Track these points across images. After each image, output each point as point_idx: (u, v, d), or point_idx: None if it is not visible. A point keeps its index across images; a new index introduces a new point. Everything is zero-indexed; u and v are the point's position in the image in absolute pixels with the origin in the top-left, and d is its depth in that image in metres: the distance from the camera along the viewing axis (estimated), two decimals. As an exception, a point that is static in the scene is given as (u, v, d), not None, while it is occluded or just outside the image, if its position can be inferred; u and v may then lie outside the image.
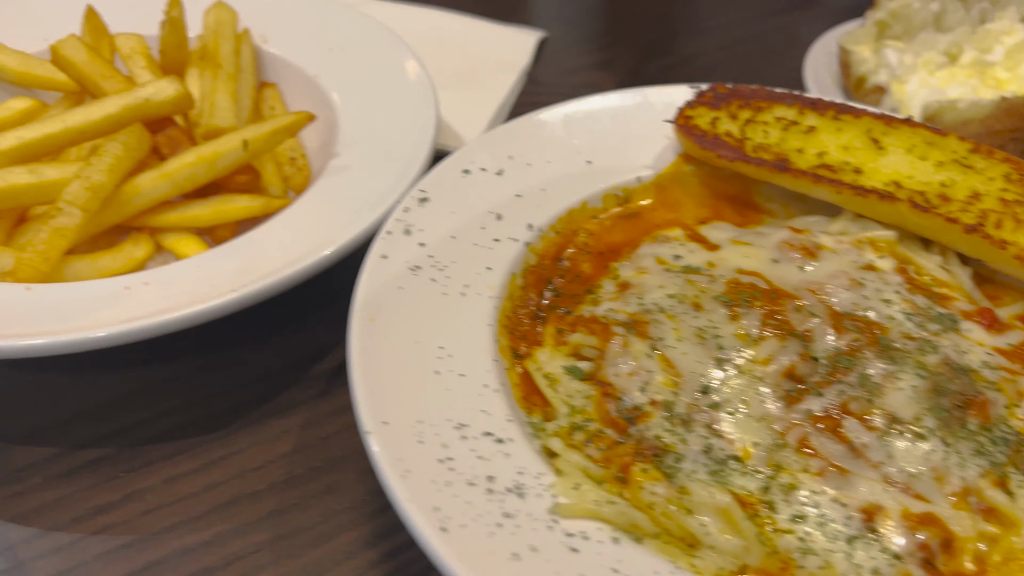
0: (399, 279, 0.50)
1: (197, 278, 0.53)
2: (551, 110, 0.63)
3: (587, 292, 0.54)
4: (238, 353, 0.59)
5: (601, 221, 0.59)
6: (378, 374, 0.44)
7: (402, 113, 0.67)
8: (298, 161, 0.68)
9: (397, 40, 0.75)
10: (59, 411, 0.55)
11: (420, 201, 0.54)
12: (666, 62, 0.94)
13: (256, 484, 0.52)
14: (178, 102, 0.63)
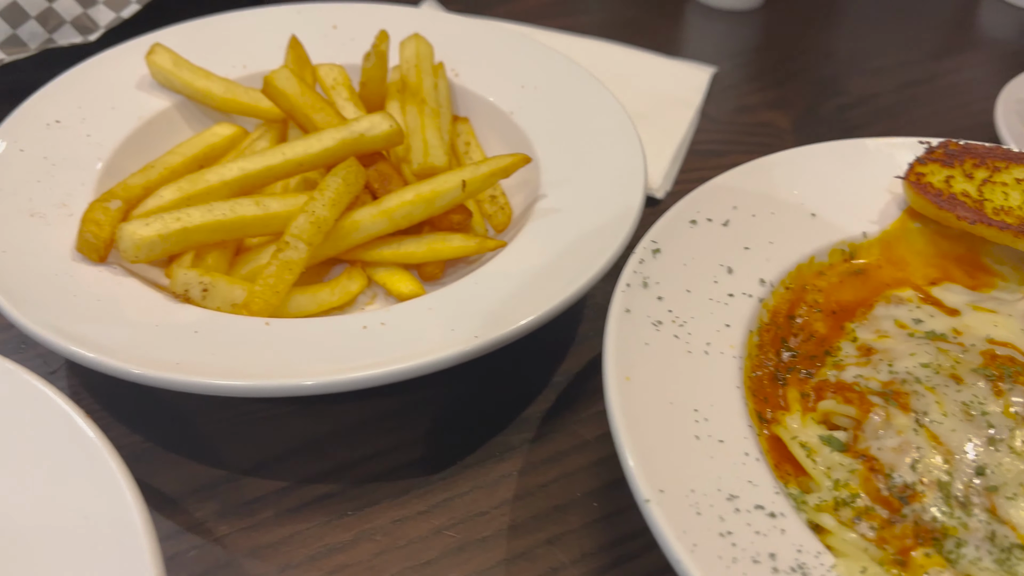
0: (644, 335, 0.49)
1: (432, 320, 0.53)
2: (770, 158, 0.62)
3: (826, 354, 0.53)
4: (448, 393, 0.59)
5: (828, 277, 0.58)
6: (643, 439, 0.43)
7: (606, 153, 0.67)
8: (499, 200, 0.68)
9: (590, 77, 0.74)
10: (283, 445, 0.56)
11: (653, 252, 0.54)
12: (840, 102, 0.92)
13: (483, 531, 0.52)
14: (390, 138, 0.64)
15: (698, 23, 1.05)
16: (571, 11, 1.05)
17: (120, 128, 0.68)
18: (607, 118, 0.70)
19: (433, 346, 0.51)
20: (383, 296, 0.63)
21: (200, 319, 0.53)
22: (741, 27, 1.04)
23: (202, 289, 0.56)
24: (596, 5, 1.07)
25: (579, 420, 0.58)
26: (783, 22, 1.06)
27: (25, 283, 0.53)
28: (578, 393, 0.60)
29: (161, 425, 0.56)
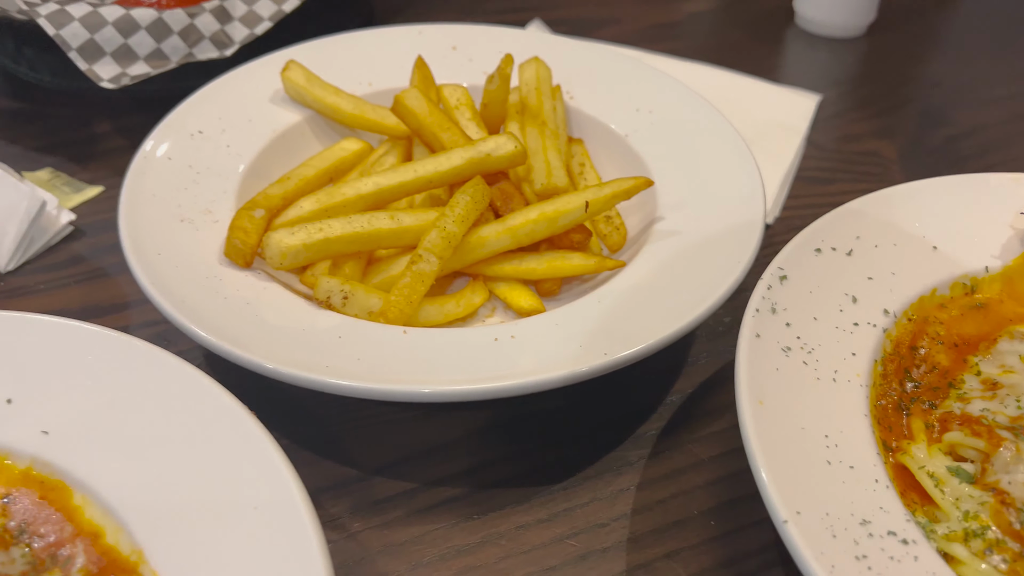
0: (774, 360, 0.50)
1: (560, 336, 0.55)
2: (891, 190, 0.63)
3: (949, 386, 0.54)
4: (567, 406, 0.61)
5: (950, 310, 0.58)
6: (778, 462, 0.45)
7: (722, 177, 0.68)
8: (614, 220, 0.70)
9: (703, 102, 0.76)
10: (411, 448, 0.58)
11: (780, 279, 0.55)
12: (948, 132, 0.91)
13: (603, 542, 0.53)
14: (514, 158, 0.66)
15: (801, 50, 1.05)
16: (674, 35, 1.07)
17: (257, 140, 0.72)
18: (722, 142, 0.72)
19: (563, 361, 0.53)
20: (502, 309, 0.66)
21: (342, 325, 0.56)
22: (845, 54, 1.04)
23: (343, 297, 0.59)
24: (699, 29, 1.09)
25: (694, 440, 0.59)
26: (887, 50, 1.06)
27: (180, 284, 0.57)
28: (692, 413, 0.61)
29: (296, 425, 0.59)
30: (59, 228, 0.73)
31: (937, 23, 1.14)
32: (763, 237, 0.62)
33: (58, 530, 0.44)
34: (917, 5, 1.16)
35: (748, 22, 1.10)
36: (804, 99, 0.93)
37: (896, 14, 1.11)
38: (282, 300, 0.58)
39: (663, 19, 1.10)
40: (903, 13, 1.13)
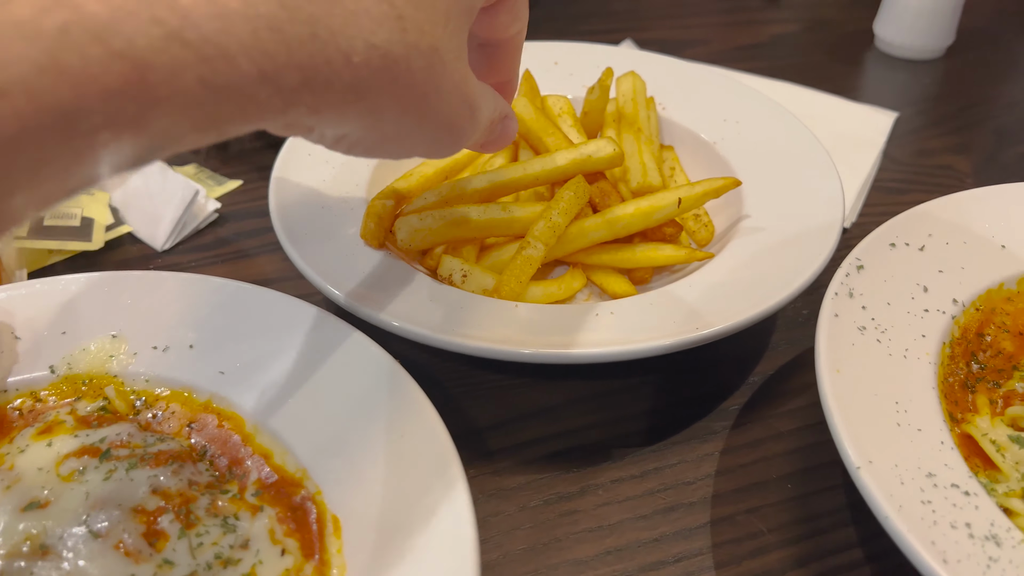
0: (850, 336, 0.56)
1: (655, 313, 0.62)
2: (962, 194, 0.68)
3: (1013, 368, 0.59)
4: (658, 380, 0.68)
5: (1016, 303, 0.63)
6: (852, 420, 0.51)
7: (804, 182, 0.74)
8: (702, 218, 0.77)
9: (787, 113, 0.83)
10: (520, 410, 0.66)
11: (858, 268, 0.61)
12: (1020, 151, 0.96)
13: (690, 496, 0.60)
14: (613, 160, 0.74)
15: (880, 71, 1.11)
16: (758, 56, 1.13)
17: (381, 140, 0.81)
18: (805, 150, 0.78)
19: (657, 333, 0.60)
20: (598, 295, 0.73)
21: (463, 299, 0.64)
22: (922, 75, 1.09)
23: (462, 275, 0.67)
24: (782, 51, 1.15)
25: (775, 415, 0.65)
26: (964, 72, 1.10)
27: (324, 260, 0.66)
28: (773, 392, 0.67)
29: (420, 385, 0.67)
30: (207, 215, 0.84)
31: (1015, 47, 1.18)
32: (841, 241, 0.68)
33: (235, 450, 0.52)
34: (995, 29, 1.21)
35: (830, 44, 1.16)
36: (882, 116, 0.98)
37: (974, 37, 1.16)
38: (411, 276, 0.67)
39: (748, 40, 1.17)
40: (981, 37, 1.17)
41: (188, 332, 0.57)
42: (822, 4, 1.28)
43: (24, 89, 0.25)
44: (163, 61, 0.27)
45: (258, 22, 0.29)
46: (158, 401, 0.55)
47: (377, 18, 0.33)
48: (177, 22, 0.27)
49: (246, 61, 0.29)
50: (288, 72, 0.30)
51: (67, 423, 0.52)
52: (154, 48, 0.27)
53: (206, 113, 0.29)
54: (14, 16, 0.25)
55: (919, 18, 1.09)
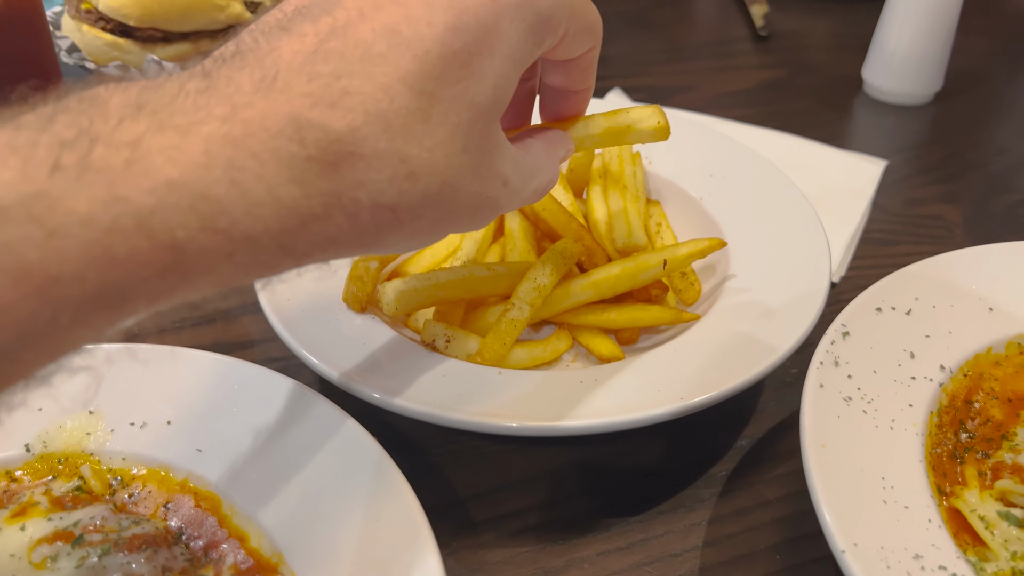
0: (836, 408, 0.56)
1: (639, 381, 0.62)
2: (950, 255, 0.68)
3: (1002, 438, 0.58)
4: (643, 447, 0.67)
5: (1005, 368, 0.63)
6: (836, 499, 0.50)
7: (791, 239, 0.74)
8: (689, 276, 0.76)
9: (774, 168, 0.82)
10: (503, 478, 0.65)
11: (843, 335, 0.60)
12: (1011, 199, 0.95)
13: (677, 569, 0.59)
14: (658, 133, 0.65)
15: (868, 117, 1.11)
16: (746, 102, 1.13)
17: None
18: (791, 206, 0.78)
19: (643, 404, 0.59)
20: (584, 356, 0.72)
21: (445, 365, 0.63)
22: (911, 121, 1.09)
23: (446, 340, 0.66)
24: (770, 96, 1.15)
25: (762, 481, 0.65)
26: (953, 118, 1.10)
27: (305, 325, 0.65)
28: (761, 457, 0.67)
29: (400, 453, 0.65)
30: (192, 273, 0.83)
31: (1003, 92, 1.18)
32: (829, 295, 0.67)
33: (211, 532, 0.52)
34: (984, 73, 1.21)
35: (818, 89, 1.17)
36: (870, 164, 0.98)
37: (963, 82, 1.16)
38: (393, 341, 0.66)
39: (736, 87, 1.17)
40: (970, 81, 1.18)
41: (166, 408, 0.57)
42: (810, 48, 1.29)
43: (77, 278, 0.28)
44: (198, 247, 0.30)
45: (280, 206, 0.32)
46: (134, 481, 0.54)
47: (388, 178, 0.35)
48: (211, 211, 0.30)
49: (269, 241, 0.32)
50: (301, 242, 0.34)
51: (41, 505, 0.52)
52: (191, 237, 0.30)
53: (230, 280, 0.33)
54: (73, 209, 0.28)
55: (907, 63, 1.09)
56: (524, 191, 0.45)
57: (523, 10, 0.39)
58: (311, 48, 0.35)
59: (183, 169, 0.30)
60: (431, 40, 0.36)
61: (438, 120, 0.36)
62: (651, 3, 1.41)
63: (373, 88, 0.34)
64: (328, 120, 0.33)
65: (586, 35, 0.46)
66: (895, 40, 1.09)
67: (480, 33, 0.37)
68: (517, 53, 0.39)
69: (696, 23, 1.39)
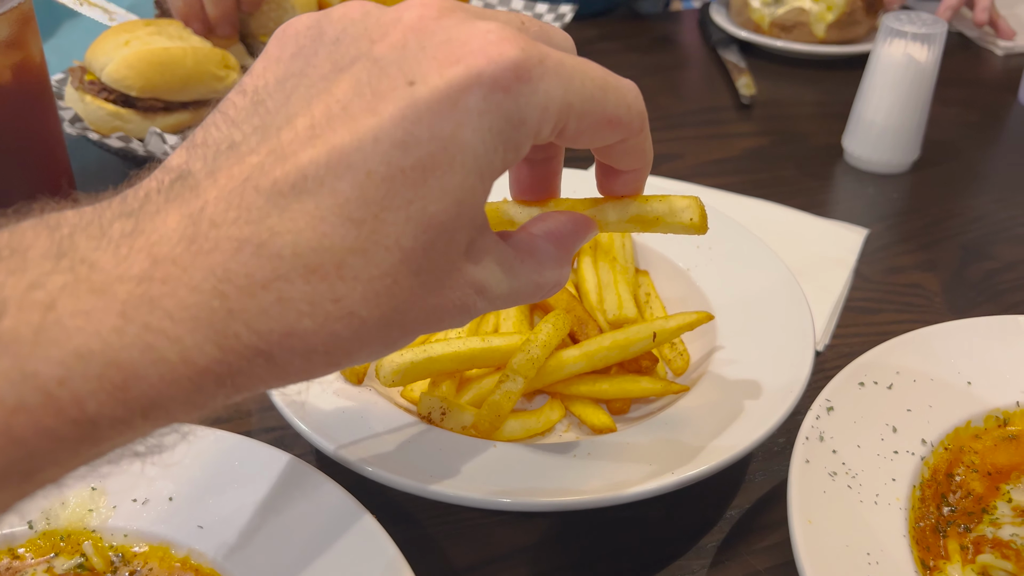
0: (821, 484, 0.57)
1: (631, 455, 0.63)
2: (929, 330, 0.70)
3: (983, 511, 0.60)
4: (631, 516, 0.68)
5: (984, 441, 0.65)
6: (824, 574, 0.51)
7: (776, 311, 0.76)
8: (678, 347, 0.78)
9: (758, 240, 0.85)
10: (493, 551, 0.66)
11: (827, 410, 0.62)
12: (988, 267, 0.98)
13: (669, 643, 0.60)
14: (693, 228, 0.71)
15: (849, 185, 1.15)
16: (730, 170, 1.17)
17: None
18: (775, 278, 0.80)
19: (634, 479, 0.60)
20: (576, 426, 0.74)
21: (441, 439, 0.65)
22: (890, 190, 1.13)
23: (441, 412, 0.68)
24: (753, 164, 1.19)
25: (752, 552, 0.66)
26: (930, 186, 1.14)
27: (302, 396, 0.67)
28: (750, 528, 0.68)
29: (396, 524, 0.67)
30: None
31: (978, 162, 1.22)
32: (814, 364, 0.69)
33: (212, 610, 0.52)
34: (958, 143, 1.25)
35: (800, 158, 1.20)
36: (852, 233, 1.01)
37: (939, 152, 1.20)
38: (389, 414, 0.67)
39: (721, 155, 1.21)
40: (946, 151, 1.22)
41: (168, 484, 0.58)
42: (793, 117, 1.33)
43: None
44: (110, 416, 0.29)
45: (194, 368, 0.31)
46: (136, 558, 0.55)
47: (319, 324, 0.32)
48: (122, 378, 0.29)
49: (184, 399, 0.31)
50: (222, 395, 0.32)
51: (43, 583, 0.52)
52: (101, 406, 0.29)
53: (146, 434, 0.32)
54: None
55: (884, 134, 1.13)
56: (515, 294, 0.41)
57: (488, 117, 0.34)
58: (245, 175, 0.32)
59: (95, 336, 0.28)
60: (376, 159, 0.32)
61: (383, 247, 0.33)
62: (639, 72, 1.46)
63: (303, 224, 0.31)
64: (251, 267, 0.31)
65: (606, 129, 0.40)
66: (872, 111, 1.13)
67: (435, 147, 0.33)
68: (484, 165, 0.34)
69: (683, 93, 1.44)
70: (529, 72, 0.34)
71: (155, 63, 1.02)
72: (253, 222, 0.31)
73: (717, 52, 1.53)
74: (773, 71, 1.48)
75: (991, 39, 1.58)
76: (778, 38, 1.51)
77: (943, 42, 1.09)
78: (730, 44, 1.54)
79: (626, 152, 0.44)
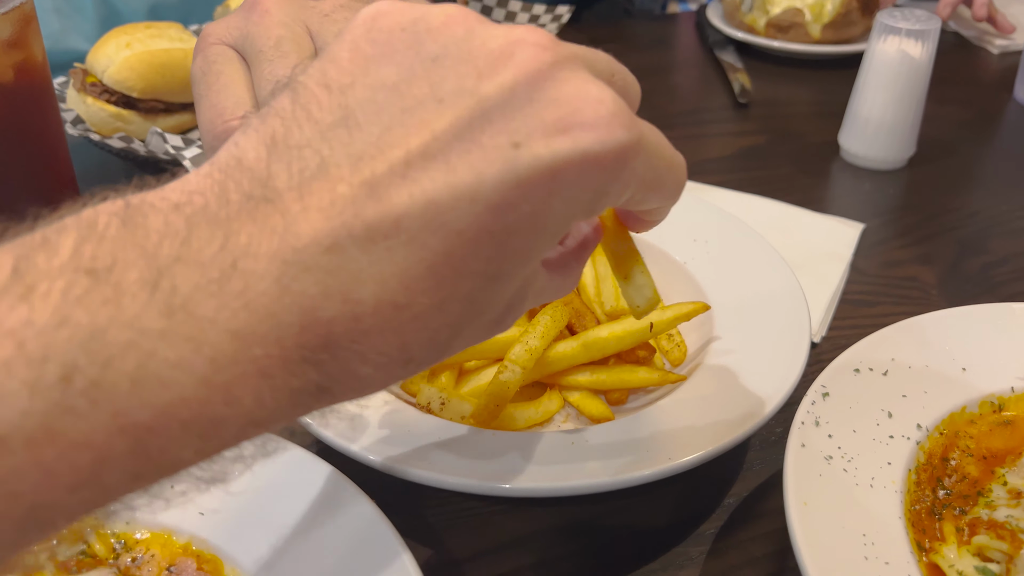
0: (817, 467, 0.58)
1: (629, 442, 0.64)
2: (925, 317, 0.71)
3: (978, 494, 0.60)
4: (630, 504, 0.69)
5: (979, 426, 0.65)
6: (819, 556, 0.52)
7: (772, 302, 0.77)
8: (675, 338, 0.79)
9: (755, 233, 0.86)
10: (494, 539, 0.66)
11: (823, 396, 0.63)
12: (984, 260, 0.99)
13: (668, 628, 0.60)
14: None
15: (846, 182, 1.15)
16: (727, 168, 1.18)
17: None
18: (771, 270, 0.81)
19: (632, 465, 0.61)
20: (575, 416, 0.74)
21: (441, 428, 0.65)
22: (886, 186, 1.14)
23: (440, 403, 0.68)
24: (750, 163, 1.20)
25: (750, 539, 0.66)
26: (926, 182, 1.15)
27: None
28: (748, 515, 0.68)
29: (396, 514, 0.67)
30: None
31: (973, 158, 1.23)
32: (810, 355, 0.70)
33: (214, 595, 0.53)
34: (953, 140, 1.26)
35: (796, 156, 1.21)
36: (848, 228, 1.02)
37: (935, 149, 1.21)
38: (389, 404, 0.68)
39: (718, 153, 1.22)
40: (941, 148, 1.22)
41: (169, 472, 0.58)
42: (788, 116, 1.34)
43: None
44: None
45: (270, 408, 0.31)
46: (138, 545, 0.55)
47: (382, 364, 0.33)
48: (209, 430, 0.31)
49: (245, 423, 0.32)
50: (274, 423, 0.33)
51: (46, 570, 0.53)
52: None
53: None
54: None
55: (880, 131, 1.14)
56: (535, 303, 0.42)
57: (581, 191, 0.33)
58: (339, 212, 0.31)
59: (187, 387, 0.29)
60: (469, 219, 0.31)
61: (456, 299, 0.33)
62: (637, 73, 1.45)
63: (390, 274, 0.31)
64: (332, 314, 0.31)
65: (654, 198, 0.40)
66: (868, 107, 1.14)
67: (526, 212, 0.32)
68: (560, 229, 0.34)
69: (680, 93, 1.45)
70: (629, 158, 0.33)
71: (156, 65, 1.03)
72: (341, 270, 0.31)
73: (714, 53, 1.54)
74: (770, 71, 1.49)
75: (988, 38, 1.59)
76: (774, 39, 1.52)
77: (937, 38, 1.10)
78: (727, 45, 1.55)
79: (654, 211, 0.46)
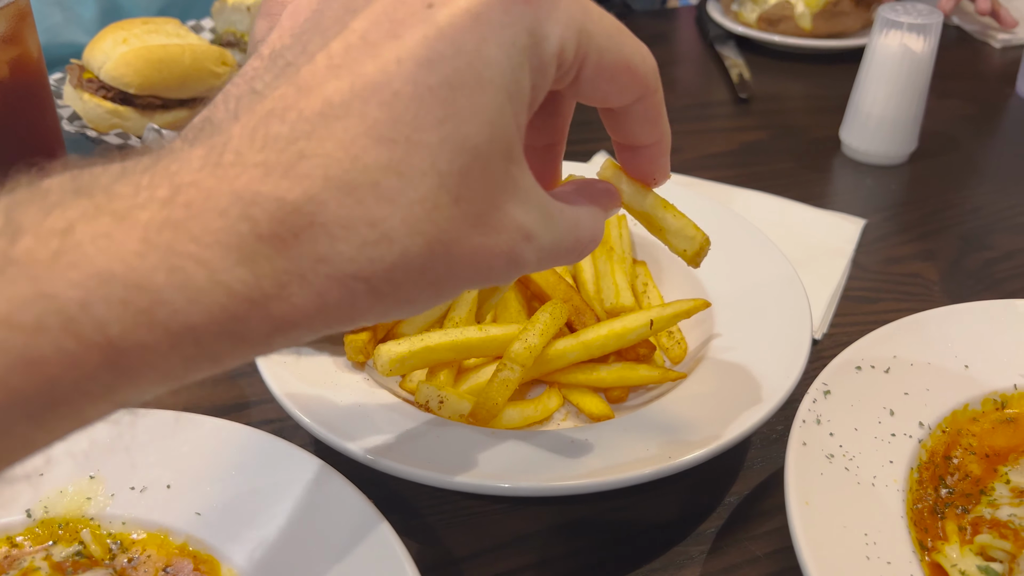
0: (818, 466, 0.57)
1: (630, 440, 0.63)
2: (926, 314, 0.70)
3: (980, 493, 0.60)
4: (630, 503, 0.69)
5: (982, 424, 0.65)
6: (821, 556, 0.51)
7: (773, 299, 0.76)
8: (676, 335, 0.78)
9: (756, 229, 0.85)
10: (495, 538, 0.66)
11: (824, 394, 0.62)
12: (986, 256, 0.98)
13: (668, 628, 0.60)
14: None
15: (847, 177, 1.15)
16: (729, 163, 1.17)
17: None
18: (772, 267, 0.80)
19: (632, 464, 0.60)
20: (574, 415, 0.74)
21: (440, 427, 0.65)
22: (888, 181, 1.13)
23: (439, 401, 0.68)
24: (752, 158, 1.19)
25: (751, 538, 0.66)
26: (928, 177, 1.14)
27: (301, 390, 0.67)
28: (749, 514, 0.68)
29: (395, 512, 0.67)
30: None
31: (976, 153, 1.23)
32: (811, 352, 0.69)
33: (210, 596, 0.52)
34: (955, 135, 1.25)
35: (798, 151, 1.20)
36: (850, 224, 1.01)
37: (936, 143, 1.20)
38: (387, 403, 0.68)
39: (720, 149, 1.21)
40: (942, 142, 1.22)
41: (165, 472, 0.58)
42: (789, 111, 1.33)
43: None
44: (135, 342, 0.28)
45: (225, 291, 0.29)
46: (134, 545, 0.55)
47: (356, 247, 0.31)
48: (147, 302, 0.28)
49: (217, 329, 0.29)
50: (256, 327, 0.30)
51: (42, 570, 0.53)
52: (126, 332, 0.28)
53: (177, 375, 0.30)
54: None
55: (881, 126, 1.13)
56: (558, 247, 0.39)
57: (510, 30, 0.33)
58: (268, 109, 0.31)
59: (116, 259, 0.27)
60: (401, 79, 0.31)
61: (419, 169, 0.31)
62: (635, 67, 1.45)
63: (333, 147, 0.30)
64: (281, 191, 0.30)
65: (624, 76, 0.39)
66: (869, 102, 1.13)
67: (461, 62, 0.32)
68: (511, 83, 0.33)
69: (681, 88, 1.44)
70: None
71: (153, 61, 1.02)
72: (280, 149, 0.30)
73: (714, 48, 1.53)
74: (771, 66, 1.49)
75: (990, 32, 1.58)
76: (766, 32, 1.51)
77: (939, 32, 1.09)
78: (727, 40, 1.55)
79: (642, 118, 0.44)
